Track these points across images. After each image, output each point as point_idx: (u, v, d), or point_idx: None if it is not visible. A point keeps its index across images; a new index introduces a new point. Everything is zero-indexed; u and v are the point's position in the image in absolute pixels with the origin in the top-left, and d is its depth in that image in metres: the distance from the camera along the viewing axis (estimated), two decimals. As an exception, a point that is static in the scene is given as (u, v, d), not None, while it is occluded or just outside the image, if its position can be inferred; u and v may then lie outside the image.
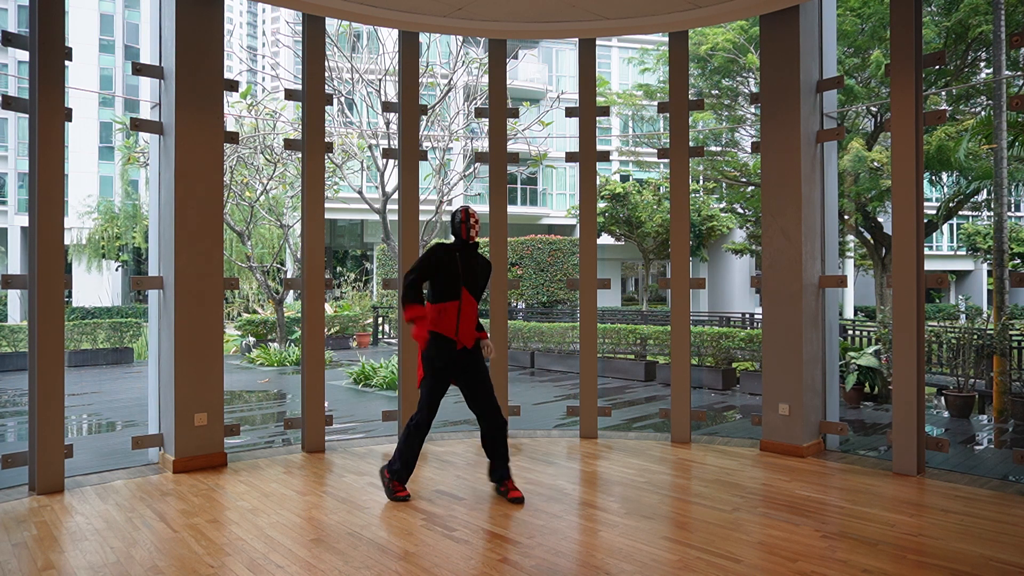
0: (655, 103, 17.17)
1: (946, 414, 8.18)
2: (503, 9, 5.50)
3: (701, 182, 21.01)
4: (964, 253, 30.97)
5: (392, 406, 8.66)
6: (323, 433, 5.67)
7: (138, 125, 5.18)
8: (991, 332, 8.77)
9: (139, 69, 5.13)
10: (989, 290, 34.16)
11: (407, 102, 5.95)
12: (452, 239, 4.40)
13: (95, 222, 25.34)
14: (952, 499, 4.33)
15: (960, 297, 32.40)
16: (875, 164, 12.78)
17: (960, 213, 16.11)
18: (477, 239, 4.41)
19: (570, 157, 6.30)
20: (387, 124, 11.59)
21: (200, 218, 5.06)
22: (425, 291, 4.40)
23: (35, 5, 4.48)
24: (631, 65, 22.20)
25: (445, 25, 5.74)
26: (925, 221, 8.12)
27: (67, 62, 4.61)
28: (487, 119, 6.24)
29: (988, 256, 28.38)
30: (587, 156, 6.18)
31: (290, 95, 5.75)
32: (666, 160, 6.17)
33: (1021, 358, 8.92)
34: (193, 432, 5.01)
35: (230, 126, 13.69)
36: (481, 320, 4.45)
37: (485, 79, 10.26)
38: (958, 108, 13.46)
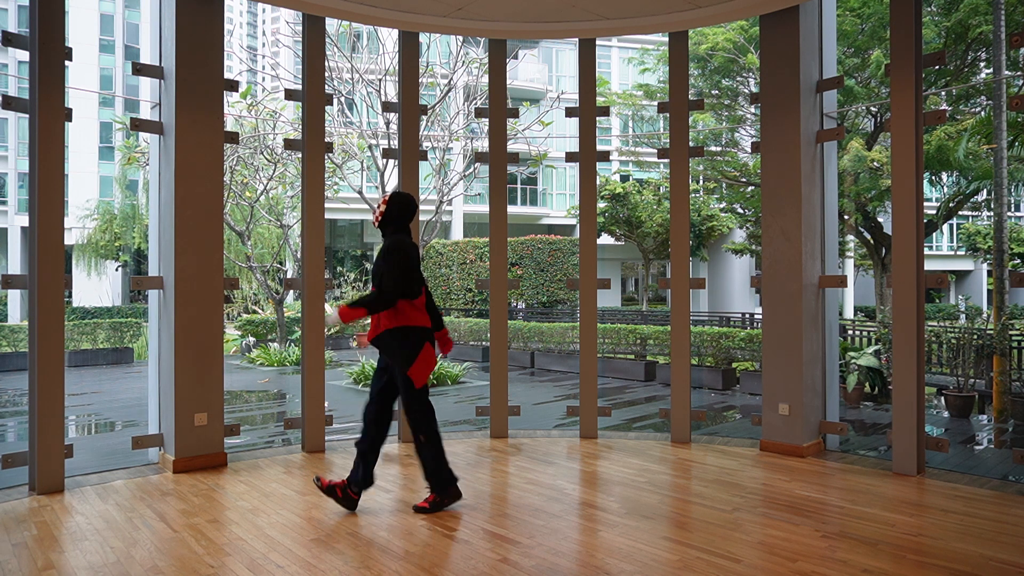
0: (655, 103, 17.17)
1: (946, 414, 8.18)
2: (503, 9, 5.50)
3: (701, 182, 21.01)
4: (964, 253, 30.97)
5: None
6: (323, 433, 5.67)
7: (138, 125, 5.18)
8: (991, 332, 8.77)
9: (139, 69, 5.13)
10: (989, 290, 34.16)
11: (407, 102, 5.95)
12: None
13: (95, 222, 25.35)
14: (952, 499, 4.33)
15: (960, 297, 32.42)
16: (875, 164, 12.78)
17: (960, 213, 16.11)
18: (378, 227, 4.25)
19: (570, 157, 6.30)
20: (387, 124, 11.59)
21: (200, 218, 5.06)
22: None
23: (35, 5, 4.48)
24: (631, 65, 22.21)
25: (445, 25, 5.74)
26: (925, 221, 8.11)
27: (67, 62, 4.61)
28: (487, 119, 6.24)
29: (988, 256, 28.38)
30: (587, 156, 6.18)
31: (290, 95, 5.75)
32: (666, 160, 6.17)
33: (1021, 358, 8.92)
34: (193, 432, 5.01)
35: (230, 126, 13.68)
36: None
37: (485, 79, 10.26)
38: (958, 108, 13.47)
